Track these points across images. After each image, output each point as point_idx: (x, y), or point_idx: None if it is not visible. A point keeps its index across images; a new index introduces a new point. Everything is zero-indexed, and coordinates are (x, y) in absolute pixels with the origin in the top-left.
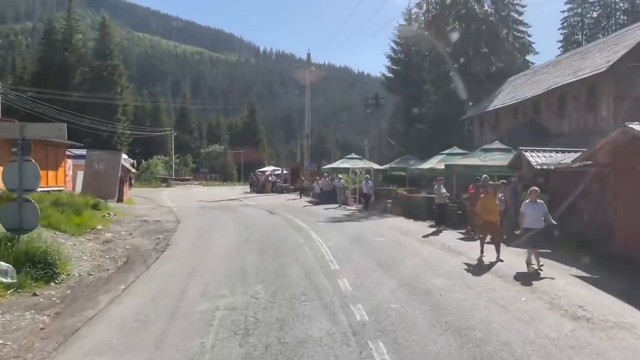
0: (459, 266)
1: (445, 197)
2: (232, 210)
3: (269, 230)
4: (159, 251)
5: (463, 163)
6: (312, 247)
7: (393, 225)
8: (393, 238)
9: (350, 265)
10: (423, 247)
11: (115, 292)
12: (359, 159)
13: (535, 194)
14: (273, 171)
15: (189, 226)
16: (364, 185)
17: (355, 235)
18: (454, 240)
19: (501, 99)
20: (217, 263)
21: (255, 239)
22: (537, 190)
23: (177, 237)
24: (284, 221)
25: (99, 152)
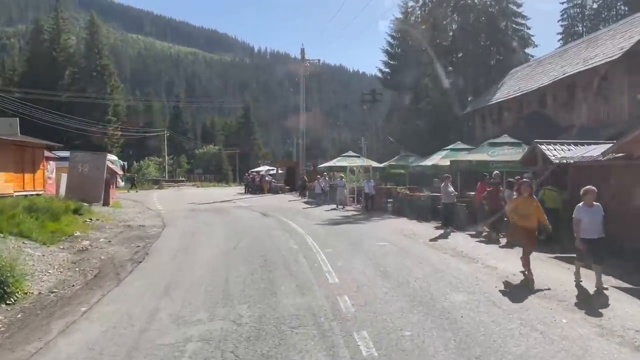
0: (476, 277)
1: (453, 196)
2: (223, 213)
3: (260, 236)
4: (136, 262)
5: (470, 159)
6: (307, 255)
7: (396, 227)
8: (397, 243)
9: (351, 277)
10: (432, 253)
11: (72, 316)
12: (357, 156)
13: (591, 196)
14: (268, 171)
15: (174, 231)
16: (365, 185)
17: (355, 240)
18: (465, 245)
19: (504, 91)
20: (198, 276)
21: (245, 245)
22: (594, 191)
23: (159, 244)
24: (277, 224)
25: (82, 153)
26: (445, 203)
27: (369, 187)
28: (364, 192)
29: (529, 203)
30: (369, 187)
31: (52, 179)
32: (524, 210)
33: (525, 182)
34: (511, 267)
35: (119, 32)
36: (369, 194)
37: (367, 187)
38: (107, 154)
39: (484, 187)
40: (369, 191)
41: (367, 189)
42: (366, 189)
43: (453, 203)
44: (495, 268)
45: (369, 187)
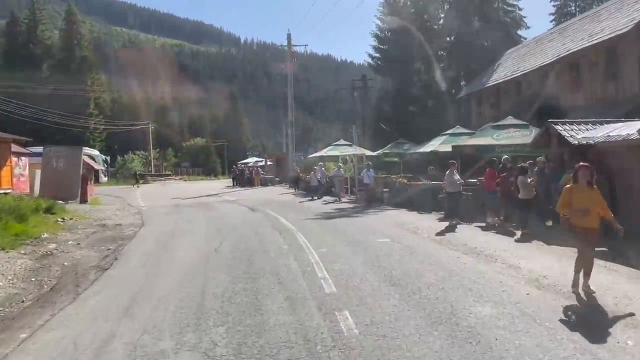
0: (500, 280)
1: (459, 185)
2: (208, 209)
3: (246, 234)
4: (102, 269)
5: (474, 143)
6: (299, 256)
7: (396, 220)
8: (400, 239)
9: (352, 284)
10: (441, 250)
11: (6, 346)
12: (348, 145)
13: None
14: (256, 162)
15: (151, 231)
16: (365, 175)
17: (352, 236)
18: (476, 239)
19: (501, 73)
20: (169, 288)
21: (228, 247)
22: None
23: (132, 247)
24: (266, 221)
25: (56, 147)
26: (451, 193)
27: (369, 177)
28: (363, 182)
29: (589, 193)
30: (369, 177)
31: (25, 176)
32: (582, 203)
33: (585, 166)
34: (537, 267)
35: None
36: (369, 185)
37: (367, 177)
38: (82, 147)
39: (493, 174)
40: (369, 182)
41: (367, 179)
42: (366, 179)
43: (459, 192)
44: (519, 268)
45: (369, 177)
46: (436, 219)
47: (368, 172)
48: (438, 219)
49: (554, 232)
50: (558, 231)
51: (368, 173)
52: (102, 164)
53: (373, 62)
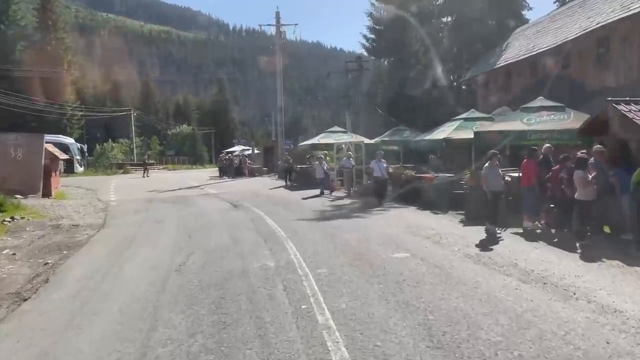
0: (607, 340)
1: (501, 183)
2: (184, 204)
3: (223, 243)
4: (19, 299)
5: (501, 129)
6: (290, 283)
7: (409, 222)
8: (424, 253)
9: (372, 345)
10: (488, 275)
11: None
12: (343, 132)
13: None
14: (243, 151)
15: (109, 236)
16: (375, 166)
17: (359, 248)
18: (527, 255)
19: (511, 53)
20: (95, 344)
21: (196, 264)
22: None
23: (76, 261)
24: (249, 222)
25: (15, 135)
26: (495, 192)
27: (381, 169)
28: (374, 175)
29: None
30: (380, 168)
31: None
32: None
33: None
34: None
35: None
36: (380, 178)
37: (378, 169)
38: (44, 135)
39: (534, 167)
40: (380, 174)
41: (378, 171)
42: (377, 171)
43: (501, 192)
44: (620, 312)
45: (381, 169)
46: (458, 222)
47: (379, 162)
48: (460, 222)
49: (620, 244)
50: (623, 243)
51: (379, 164)
52: (77, 153)
53: (367, 44)
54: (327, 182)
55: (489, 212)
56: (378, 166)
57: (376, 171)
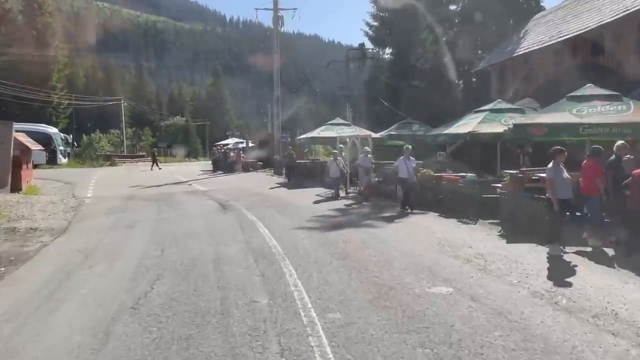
0: None
1: (570, 189)
2: (167, 204)
3: (202, 261)
4: None
5: (546, 121)
6: (288, 339)
7: (435, 236)
8: (472, 289)
9: None
10: (587, 335)
11: None
12: (347, 125)
13: None
14: (236, 144)
15: (65, 246)
16: (402, 165)
17: (381, 275)
18: (633, 300)
19: (533, 40)
20: None
21: (161, 296)
22: None
23: (6, 286)
24: (238, 230)
25: None
26: (564, 200)
27: (408, 170)
28: (399, 176)
29: None
30: (408, 168)
31: None
32: None
33: None
34: None
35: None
36: (407, 181)
37: (405, 169)
38: (12, 122)
39: (597, 169)
40: (407, 177)
41: (405, 172)
42: (403, 171)
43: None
44: None
45: (408, 170)
46: (496, 236)
47: (407, 160)
48: (500, 236)
49: None
50: None
51: (408, 162)
52: (60, 143)
53: (371, 32)
54: (341, 183)
55: (552, 229)
56: (405, 165)
57: (402, 171)
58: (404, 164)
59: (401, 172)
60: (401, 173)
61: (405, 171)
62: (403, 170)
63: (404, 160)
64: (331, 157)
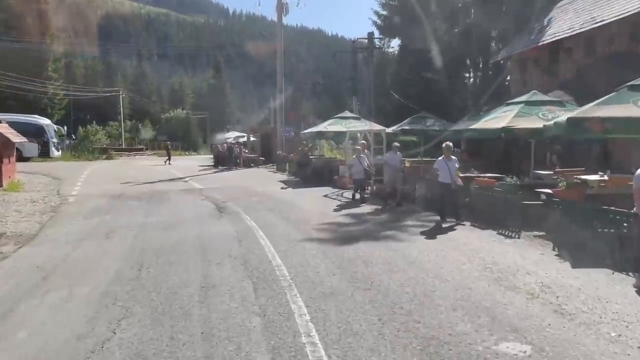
0: None
1: None
2: (158, 205)
3: (186, 293)
4: None
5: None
6: None
7: (478, 257)
8: (560, 349)
9: None
10: None
11: None
12: (356, 118)
13: None
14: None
15: (25, 261)
16: (442, 167)
17: (423, 320)
18: None
19: (561, 27)
20: None
21: (123, 349)
22: None
23: None
24: (235, 242)
25: None
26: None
27: (451, 172)
28: (439, 180)
29: None
30: (450, 170)
31: None
32: None
33: None
34: None
35: None
36: (448, 186)
37: (447, 172)
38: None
39: None
40: (447, 180)
41: (446, 175)
42: (444, 174)
43: None
44: None
45: (451, 172)
46: (554, 257)
47: (449, 161)
48: (557, 257)
49: None
50: None
51: (449, 163)
52: (53, 135)
53: (379, 21)
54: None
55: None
56: (447, 167)
57: (443, 174)
58: (444, 166)
59: (442, 176)
60: (442, 177)
61: (447, 174)
62: (443, 173)
63: (444, 161)
64: (354, 156)
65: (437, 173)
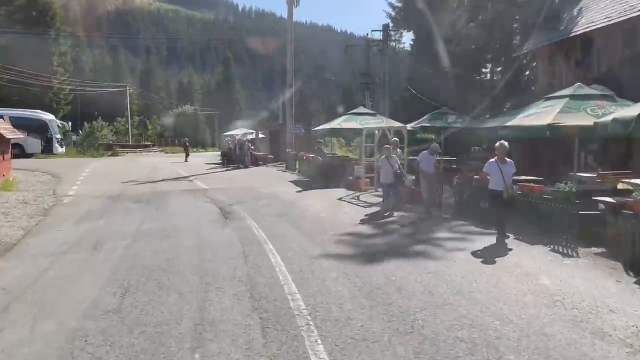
0: None
1: None
2: (157, 208)
3: (176, 335)
4: None
5: None
6: None
7: (539, 285)
8: None
9: None
10: None
11: None
12: (371, 114)
13: None
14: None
15: None
16: (494, 172)
17: None
18: None
19: (595, 17)
20: None
21: None
22: None
23: None
24: (240, 258)
25: None
26: None
27: (505, 177)
28: (491, 189)
29: None
30: (502, 177)
31: None
32: None
33: None
34: None
35: None
36: (501, 195)
37: (499, 179)
38: None
39: None
40: (502, 188)
41: (499, 182)
42: (496, 181)
43: None
44: None
45: (505, 177)
46: (633, 283)
47: (502, 164)
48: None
49: None
50: None
51: (502, 166)
52: (57, 131)
53: (394, 13)
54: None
55: None
56: (500, 171)
57: (495, 180)
58: (497, 170)
59: (494, 182)
60: (494, 183)
61: (499, 181)
62: (497, 179)
63: (496, 164)
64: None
65: (487, 178)
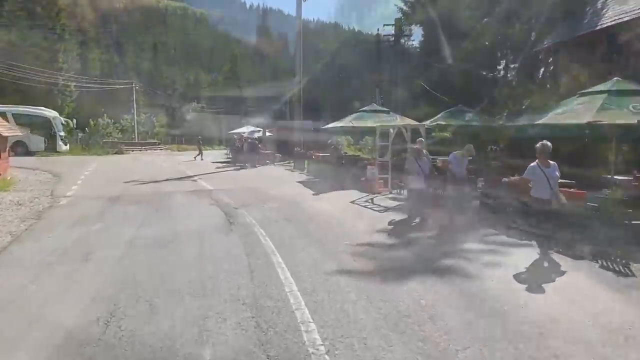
0: None
1: None
2: (157, 211)
3: None
4: None
5: None
6: None
7: (611, 318)
8: None
9: None
10: None
11: None
12: (385, 112)
13: None
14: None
15: None
16: (539, 177)
17: None
18: None
19: (619, 10)
20: None
21: None
22: None
23: None
24: (246, 274)
25: None
26: None
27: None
28: (534, 197)
29: None
30: (548, 182)
31: None
32: None
33: None
34: None
35: None
36: (547, 203)
37: (545, 185)
38: None
39: None
40: (548, 196)
41: (545, 189)
42: (541, 188)
43: None
44: None
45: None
46: None
47: (547, 168)
48: None
49: None
50: None
51: (547, 171)
52: (61, 128)
53: (406, 8)
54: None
55: None
56: (545, 176)
57: (540, 187)
58: (541, 175)
59: (538, 189)
60: (537, 190)
61: (545, 187)
62: (542, 186)
63: (539, 169)
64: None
65: (530, 185)
